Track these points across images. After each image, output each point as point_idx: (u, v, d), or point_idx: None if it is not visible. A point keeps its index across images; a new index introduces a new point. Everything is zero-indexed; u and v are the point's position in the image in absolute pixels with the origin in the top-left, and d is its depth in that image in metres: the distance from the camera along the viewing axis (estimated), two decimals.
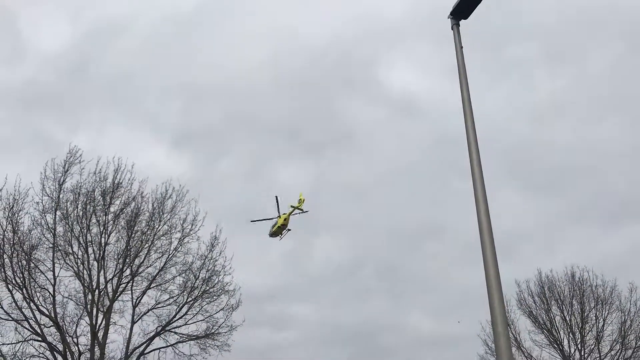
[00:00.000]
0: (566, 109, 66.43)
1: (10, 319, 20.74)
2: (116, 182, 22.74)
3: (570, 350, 30.48)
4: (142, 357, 21.96)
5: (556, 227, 58.53)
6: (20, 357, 20.52)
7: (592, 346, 30.31)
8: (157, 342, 22.39)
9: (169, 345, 22.55)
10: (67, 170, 22.32)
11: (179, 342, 22.61)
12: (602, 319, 30.48)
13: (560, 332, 30.83)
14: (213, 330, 22.78)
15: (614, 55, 65.38)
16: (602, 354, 30.21)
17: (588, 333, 30.51)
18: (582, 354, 30.23)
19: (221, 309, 23.00)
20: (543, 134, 63.57)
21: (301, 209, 22.29)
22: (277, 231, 22.47)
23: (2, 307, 20.65)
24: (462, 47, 9.22)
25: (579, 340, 30.38)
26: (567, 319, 30.69)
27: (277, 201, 22.44)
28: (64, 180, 22.19)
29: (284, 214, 22.70)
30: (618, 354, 30.04)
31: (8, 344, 20.62)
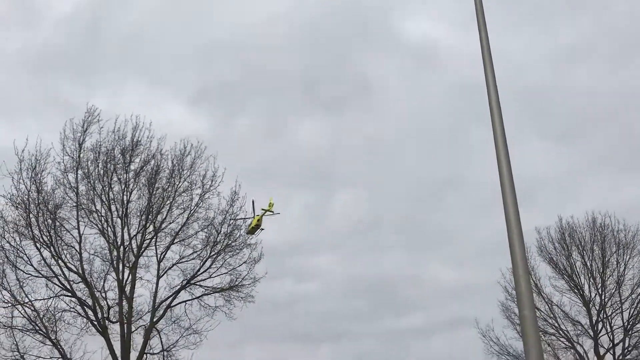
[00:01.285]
0: (588, 53, 64.87)
1: (41, 275, 21.33)
2: (135, 140, 22.92)
3: (590, 295, 30.68)
4: (169, 309, 22.57)
5: (578, 174, 58.05)
6: (52, 312, 21.23)
7: (613, 290, 30.46)
8: (183, 295, 22.98)
9: (195, 298, 23.12)
10: (86, 129, 22.52)
11: (204, 294, 23.16)
12: (623, 263, 30.52)
13: (581, 277, 30.97)
14: (237, 283, 23.24)
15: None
16: (622, 298, 30.37)
17: (609, 277, 30.61)
18: (603, 298, 30.41)
19: (244, 262, 23.42)
20: (564, 79, 62.38)
21: (272, 211, 23.58)
22: (252, 230, 23.18)
23: (32, 265, 21.24)
24: None
25: (600, 284, 30.51)
26: (588, 264, 30.76)
27: (253, 205, 23.75)
28: (83, 140, 22.43)
29: (258, 215, 23.40)
30: (639, 297, 30.18)
31: (40, 300, 21.29)
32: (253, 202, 23.57)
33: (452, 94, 65.67)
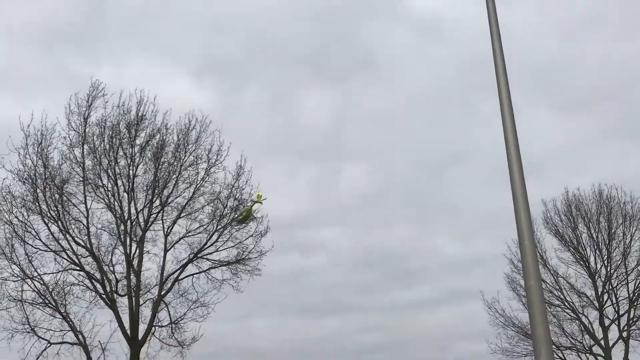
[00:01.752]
0: (598, 23, 63.93)
1: (49, 250, 21.54)
2: (140, 114, 22.87)
3: (596, 267, 30.74)
4: (176, 283, 22.79)
5: (586, 146, 57.75)
6: (61, 285, 21.49)
7: (619, 262, 30.49)
8: (190, 269, 23.17)
9: (202, 271, 23.33)
10: (91, 104, 22.47)
11: (211, 267, 23.36)
12: (629, 235, 30.49)
13: (587, 249, 31.00)
14: (243, 256, 23.39)
15: None
16: (628, 269, 30.43)
17: (615, 249, 30.63)
18: (609, 269, 30.47)
19: (250, 236, 23.54)
20: (573, 50, 61.64)
21: (260, 202, 23.59)
22: (242, 220, 23.11)
23: (40, 239, 21.43)
24: None
25: (606, 256, 30.55)
26: (594, 236, 30.75)
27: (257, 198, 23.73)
28: (88, 114, 22.39)
29: (247, 206, 23.36)
30: None
31: (49, 274, 21.54)
32: (259, 196, 23.52)
33: (459, 66, 65.09)
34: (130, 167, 22.62)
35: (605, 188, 31.15)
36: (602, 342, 29.81)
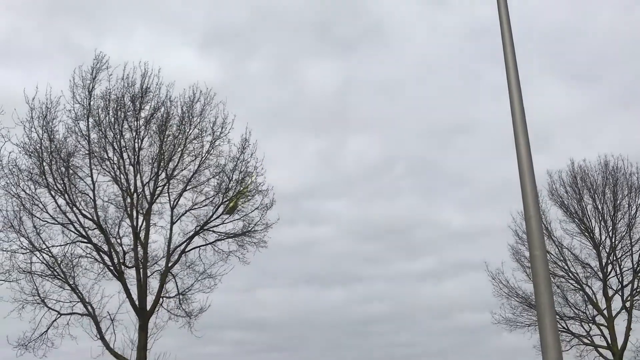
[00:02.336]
0: None
1: (56, 222, 21.69)
2: (144, 87, 22.81)
3: (601, 238, 30.82)
4: (183, 254, 23.00)
5: (593, 116, 57.39)
6: (69, 257, 21.72)
7: (624, 233, 30.57)
8: (197, 241, 23.33)
9: (209, 244, 23.50)
10: (95, 77, 22.38)
11: (218, 240, 23.52)
12: (634, 206, 30.51)
13: (592, 221, 31.06)
14: (249, 228, 23.53)
15: None
16: (632, 240, 30.51)
17: (620, 220, 30.68)
18: (613, 240, 30.56)
19: (256, 208, 23.61)
20: (582, 18, 60.81)
21: (246, 195, 23.36)
22: (230, 211, 23.01)
23: (47, 212, 21.55)
24: None
25: (610, 227, 30.61)
26: (599, 207, 30.77)
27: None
28: (93, 87, 22.32)
29: (234, 197, 23.22)
30: None
31: (57, 246, 21.76)
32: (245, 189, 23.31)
33: (467, 36, 64.43)
34: (136, 140, 22.65)
35: (611, 159, 31.10)
36: (605, 312, 30.07)
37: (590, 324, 30.71)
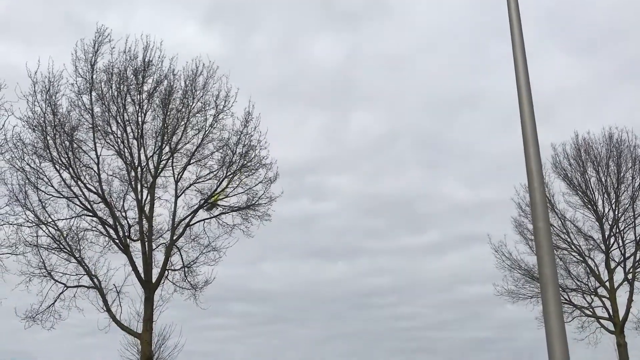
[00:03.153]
0: None
1: (62, 196, 21.82)
2: (146, 60, 22.69)
3: (604, 210, 30.85)
4: (188, 228, 23.15)
5: (598, 89, 56.99)
6: (75, 231, 21.88)
7: (627, 205, 30.57)
8: (201, 214, 23.49)
9: (213, 217, 23.65)
10: (97, 50, 22.27)
11: (222, 213, 23.66)
12: (638, 179, 30.46)
13: (595, 193, 31.05)
14: (253, 202, 23.63)
15: None
16: (636, 213, 30.53)
17: (623, 193, 30.66)
18: (616, 213, 30.59)
19: (260, 182, 23.68)
20: None
21: (221, 199, 23.34)
22: (209, 208, 22.90)
23: (52, 186, 21.68)
24: None
25: (614, 200, 30.61)
26: (603, 179, 30.73)
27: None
28: (95, 61, 22.22)
29: (217, 194, 23.12)
30: None
31: (63, 219, 21.91)
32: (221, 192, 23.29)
33: (472, 8, 63.61)
34: (139, 114, 22.63)
35: (615, 131, 30.94)
36: (607, 284, 30.24)
37: (592, 296, 30.93)
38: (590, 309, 30.87)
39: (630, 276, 30.18)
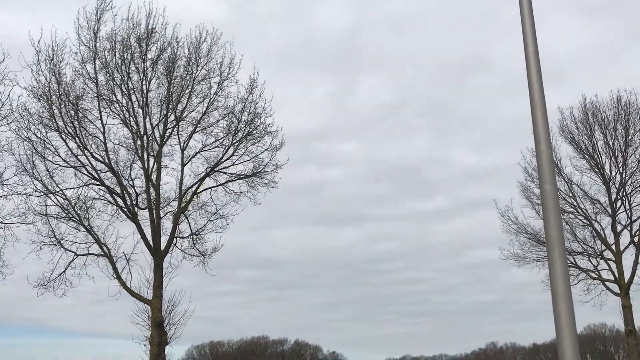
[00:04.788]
0: None
1: (69, 165, 21.90)
2: (150, 27, 22.48)
3: (611, 174, 30.76)
4: (195, 196, 23.26)
5: (607, 52, 56.24)
6: (83, 200, 22.04)
7: (634, 169, 30.48)
8: (208, 182, 23.59)
9: (220, 185, 23.74)
10: (100, 17, 22.05)
11: (229, 181, 23.74)
12: None
13: (602, 157, 30.92)
14: (260, 169, 23.68)
15: None
16: None
17: (631, 156, 30.53)
18: (624, 176, 30.50)
19: (265, 150, 23.69)
20: None
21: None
22: (182, 210, 22.66)
23: (59, 156, 21.73)
24: None
25: (621, 163, 30.49)
26: (610, 143, 30.56)
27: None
28: (98, 29, 22.03)
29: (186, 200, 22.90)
30: None
31: (71, 189, 22.06)
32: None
33: None
34: (143, 82, 22.54)
35: (624, 94, 30.64)
36: (613, 247, 30.35)
37: (598, 259, 31.08)
38: (596, 272, 31.06)
39: (636, 239, 30.27)
